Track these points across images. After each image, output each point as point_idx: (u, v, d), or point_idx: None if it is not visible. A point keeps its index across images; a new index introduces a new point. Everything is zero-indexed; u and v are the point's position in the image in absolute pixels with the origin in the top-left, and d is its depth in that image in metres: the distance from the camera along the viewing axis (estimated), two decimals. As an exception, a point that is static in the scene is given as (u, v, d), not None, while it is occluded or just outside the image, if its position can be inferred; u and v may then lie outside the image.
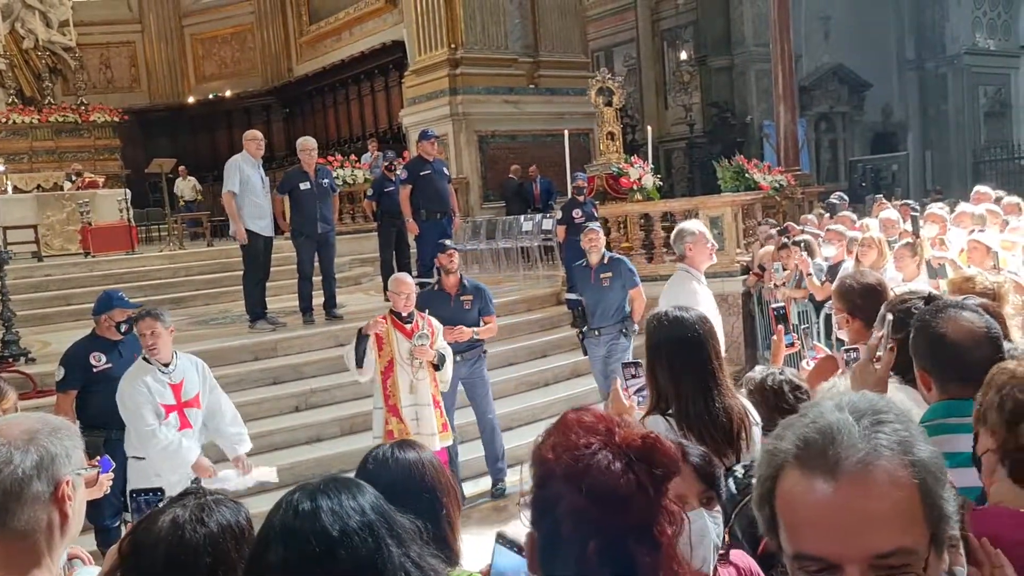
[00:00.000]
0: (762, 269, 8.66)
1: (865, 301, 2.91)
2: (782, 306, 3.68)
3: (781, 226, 8.91)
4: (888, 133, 23.57)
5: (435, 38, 14.68)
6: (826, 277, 7.04)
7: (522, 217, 12.51)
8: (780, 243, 7.85)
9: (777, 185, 11.41)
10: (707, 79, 21.06)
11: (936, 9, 23.33)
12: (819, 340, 5.66)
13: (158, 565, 1.49)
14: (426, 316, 5.66)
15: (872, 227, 6.91)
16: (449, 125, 14.53)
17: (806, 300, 7.42)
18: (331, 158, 14.00)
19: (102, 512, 4.57)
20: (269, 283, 8.62)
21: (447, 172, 9.44)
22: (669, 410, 2.45)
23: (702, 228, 4.82)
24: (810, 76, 21.18)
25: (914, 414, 2.17)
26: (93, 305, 5.11)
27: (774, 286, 7.51)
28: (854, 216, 8.08)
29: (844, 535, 0.94)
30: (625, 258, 7.29)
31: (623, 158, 10.07)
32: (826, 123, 22.33)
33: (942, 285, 5.43)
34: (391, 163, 9.74)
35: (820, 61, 21.80)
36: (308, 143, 8.37)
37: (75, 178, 14.70)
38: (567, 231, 9.20)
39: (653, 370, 2.52)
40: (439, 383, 5.53)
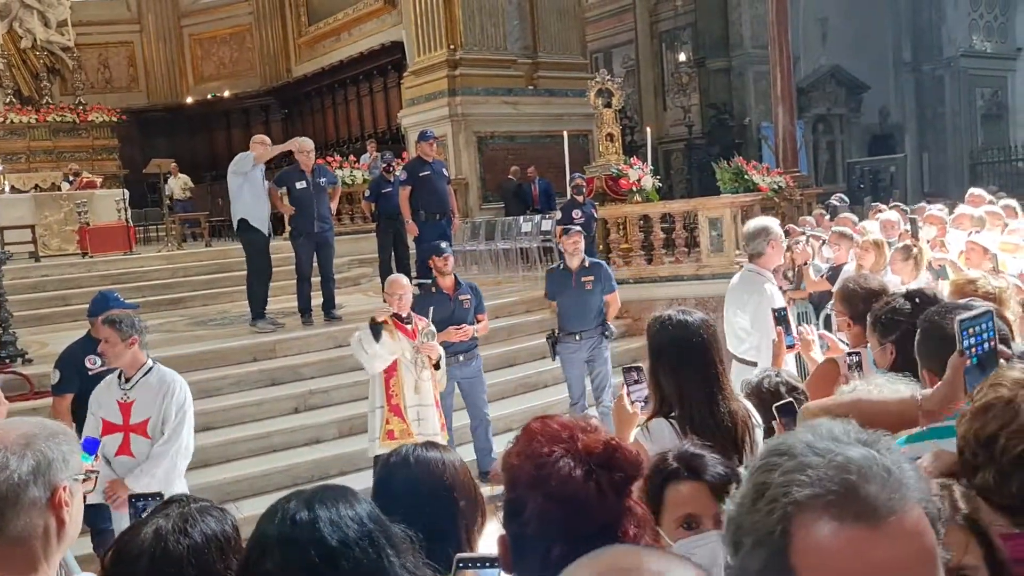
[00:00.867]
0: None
1: (867, 306, 2.90)
2: (783, 308, 3.66)
3: (783, 228, 8.88)
4: (885, 135, 23.61)
5: (434, 39, 14.67)
6: (826, 276, 7.04)
7: (521, 218, 12.50)
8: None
9: (776, 187, 11.41)
10: (705, 81, 21.08)
11: (933, 11, 23.38)
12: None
13: None
14: (424, 319, 5.66)
15: (871, 229, 6.89)
16: (448, 126, 14.53)
17: (806, 301, 7.42)
18: (330, 159, 13.97)
19: (101, 514, 4.54)
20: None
21: (446, 173, 9.43)
22: (673, 413, 2.44)
23: (779, 228, 4.60)
24: (808, 78, 21.21)
25: None
26: (88, 306, 5.05)
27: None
28: (855, 218, 8.06)
29: None
30: (603, 262, 7.24)
31: (622, 159, 10.06)
32: (824, 125, 22.36)
33: (943, 287, 5.43)
34: (390, 164, 9.72)
35: (818, 63, 21.84)
36: (305, 144, 8.37)
37: (73, 179, 14.66)
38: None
39: (656, 373, 2.51)
40: (438, 385, 5.53)
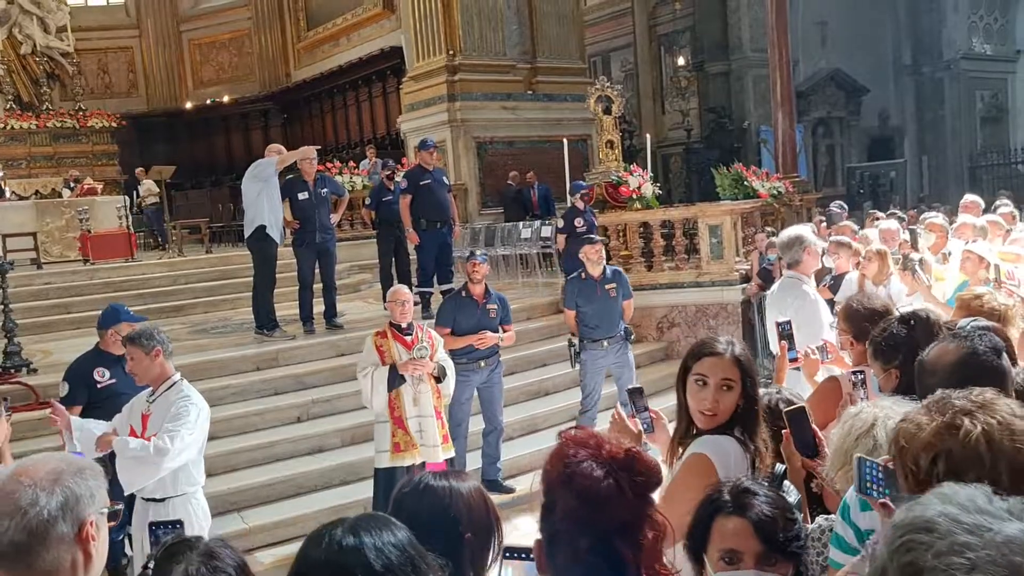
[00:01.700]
0: (762, 278, 8.69)
1: (871, 325, 2.93)
2: (787, 322, 3.67)
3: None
4: (885, 138, 23.64)
5: (433, 44, 14.70)
6: (827, 286, 7.06)
7: (521, 224, 12.53)
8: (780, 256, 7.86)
9: (775, 192, 11.46)
10: (704, 84, 21.11)
11: (933, 14, 23.42)
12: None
13: None
14: (425, 329, 5.69)
15: (872, 238, 6.91)
16: (447, 131, 14.55)
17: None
18: (329, 164, 14.00)
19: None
20: (269, 291, 8.61)
21: (446, 181, 9.45)
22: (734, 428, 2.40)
23: (812, 234, 4.90)
24: (807, 81, 21.24)
25: None
26: (98, 318, 5.06)
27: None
28: (855, 226, 8.08)
29: None
30: (620, 269, 7.37)
31: (622, 167, 10.10)
32: (823, 128, 22.39)
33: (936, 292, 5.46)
34: (392, 172, 9.74)
35: (817, 66, 21.87)
36: (308, 152, 8.40)
37: (74, 185, 14.67)
38: (568, 240, 9.22)
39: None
40: (442, 395, 5.55)
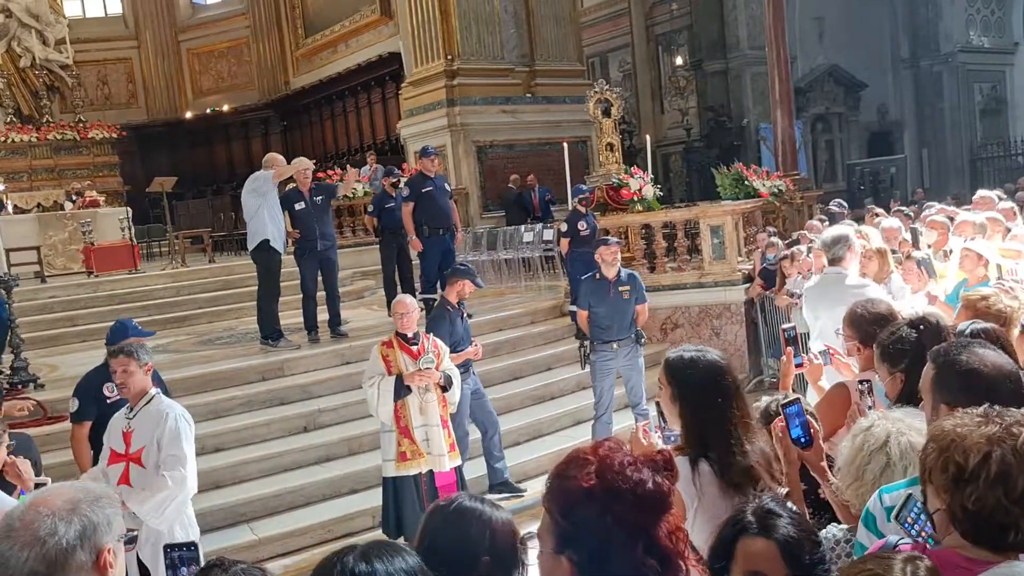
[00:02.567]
0: (764, 278, 8.70)
1: (876, 330, 2.94)
2: (793, 327, 3.68)
3: (791, 239, 8.96)
4: (884, 132, 23.63)
5: (431, 49, 14.73)
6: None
7: (522, 227, 12.55)
8: (783, 255, 7.89)
9: (776, 191, 11.48)
10: (703, 83, 21.11)
11: (930, 7, 23.40)
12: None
13: None
14: (431, 338, 5.71)
15: (873, 236, 6.92)
16: (447, 136, 14.59)
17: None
18: (331, 172, 14.04)
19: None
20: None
21: (448, 188, 9.49)
22: (708, 453, 2.45)
23: (855, 234, 5.18)
24: (805, 77, 21.23)
25: None
26: (107, 334, 5.07)
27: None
28: (856, 225, 8.08)
29: None
30: (636, 273, 7.35)
31: (623, 169, 10.11)
32: (822, 124, 22.37)
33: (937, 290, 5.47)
34: (397, 180, 9.77)
35: (815, 62, 21.85)
36: (304, 163, 8.45)
37: (76, 197, 14.71)
38: (571, 243, 9.23)
39: (683, 411, 2.51)
40: (448, 404, 5.56)
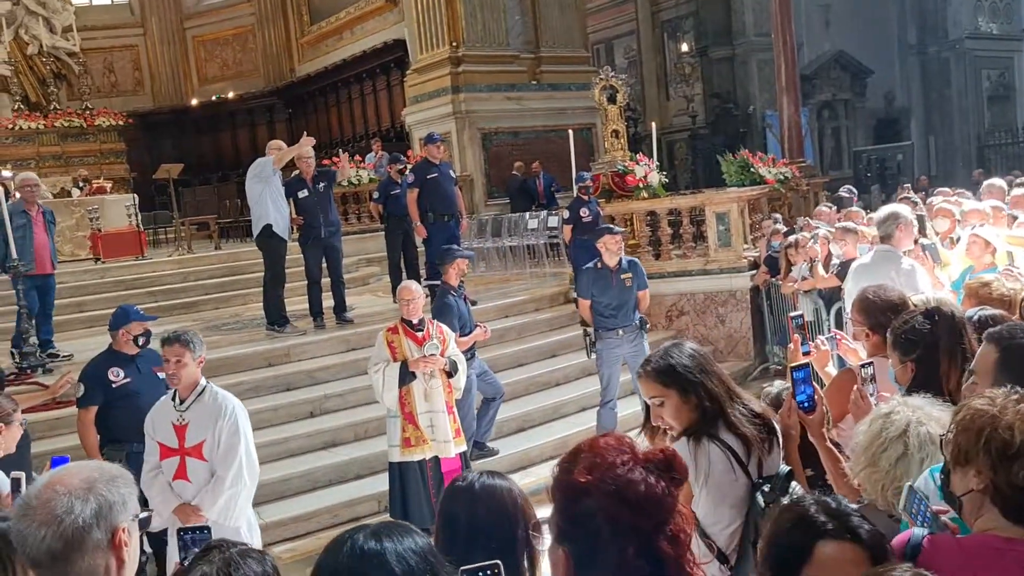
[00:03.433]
0: (770, 265, 8.70)
1: (886, 317, 2.94)
2: (800, 315, 3.69)
3: (789, 229, 8.95)
4: (891, 119, 23.53)
5: (436, 36, 14.70)
6: (835, 272, 7.08)
7: (527, 214, 12.56)
8: (787, 242, 7.88)
9: (782, 178, 11.44)
10: (708, 70, 21.04)
11: (938, -7, 23.28)
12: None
13: None
14: (436, 324, 5.73)
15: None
16: (452, 123, 14.56)
17: (816, 295, 7.45)
18: (335, 159, 14.03)
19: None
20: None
21: (453, 174, 9.49)
22: (711, 431, 2.47)
23: (907, 211, 5.21)
24: (811, 64, 21.14)
25: None
26: (110, 320, 5.14)
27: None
28: (863, 212, 8.09)
29: None
30: (637, 260, 7.36)
31: (628, 156, 10.10)
32: (829, 111, 22.29)
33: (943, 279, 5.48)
34: (404, 167, 9.78)
35: (821, 49, 21.75)
36: (307, 150, 8.45)
37: (82, 184, 14.76)
38: (574, 230, 9.24)
39: (680, 400, 2.53)
40: (454, 390, 5.59)
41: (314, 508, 6.06)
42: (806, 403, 2.48)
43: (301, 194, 8.31)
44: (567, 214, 9.46)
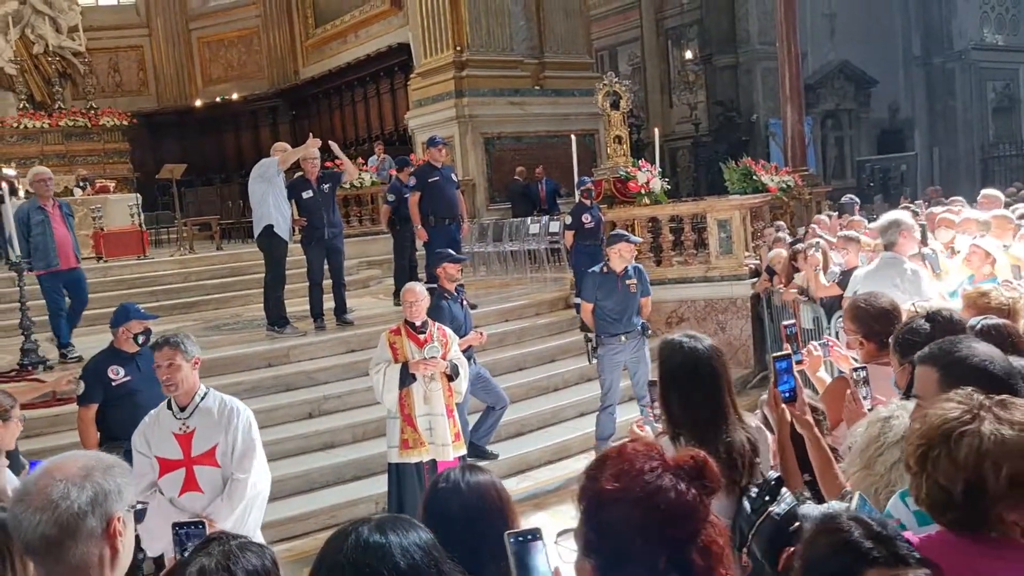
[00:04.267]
0: (771, 273, 8.69)
1: (881, 324, 2.94)
2: (793, 323, 3.69)
3: (796, 238, 8.95)
4: (895, 130, 23.54)
5: (440, 41, 14.74)
6: (836, 281, 7.07)
7: (529, 219, 12.57)
8: (792, 252, 7.87)
9: (784, 186, 11.44)
10: (712, 78, 21.06)
11: (943, 4, 23.29)
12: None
13: None
14: (439, 326, 5.72)
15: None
16: (455, 127, 14.59)
17: (818, 304, 7.43)
18: (337, 162, 14.02)
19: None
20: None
21: (455, 178, 9.50)
22: (680, 436, 2.49)
23: (909, 218, 5.21)
24: (816, 74, 21.16)
25: None
26: (111, 317, 5.15)
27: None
28: (866, 221, 8.08)
29: None
30: (641, 266, 7.36)
31: (631, 162, 10.10)
32: (832, 120, 22.30)
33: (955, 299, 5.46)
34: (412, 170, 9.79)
35: (826, 58, 21.78)
36: (311, 151, 8.47)
37: (84, 183, 14.78)
38: (576, 236, 9.24)
39: (667, 397, 2.57)
40: (455, 394, 5.58)
41: (312, 508, 6.05)
42: (787, 394, 2.50)
43: (306, 195, 8.32)
44: (569, 219, 9.46)
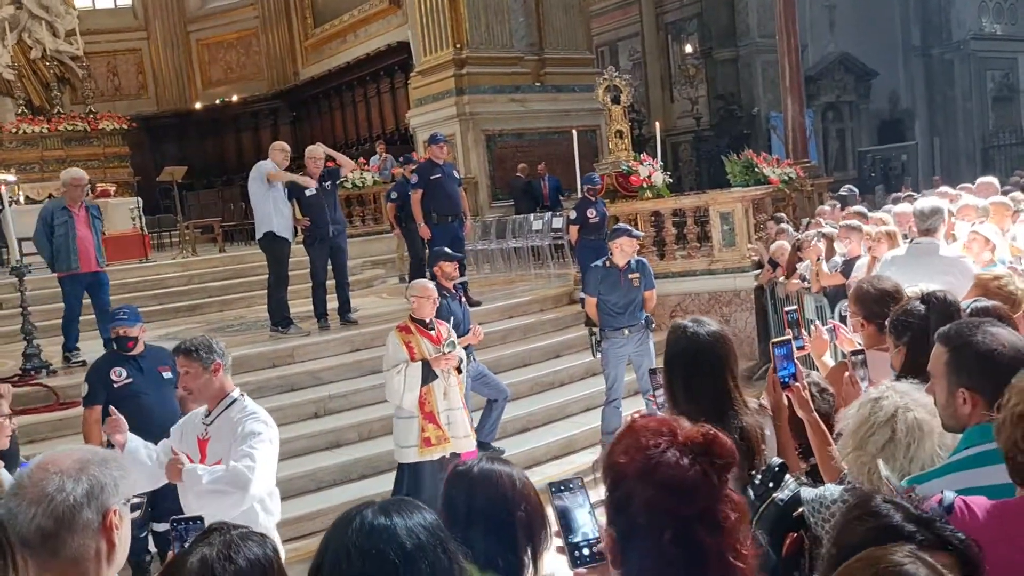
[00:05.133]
0: (774, 264, 8.67)
1: (881, 307, 2.93)
2: (794, 309, 3.67)
3: (801, 230, 8.92)
4: (895, 120, 23.51)
5: (440, 39, 14.70)
6: (839, 270, 7.04)
7: (532, 216, 12.55)
8: (796, 243, 7.85)
9: (786, 178, 11.40)
10: (713, 71, 21.03)
11: (941, -5, 23.26)
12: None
13: None
14: (439, 321, 5.72)
15: (887, 220, 6.88)
16: (456, 125, 14.56)
17: (821, 295, 7.41)
18: (334, 160, 14.01)
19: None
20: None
21: (457, 175, 9.48)
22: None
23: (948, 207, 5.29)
24: (816, 66, 21.13)
25: (934, 425, 2.18)
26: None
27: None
28: (866, 210, 8.05)
29: None
30: (645, 260, 7.35)
31: (632, 156, 10.08)
32: (833, 112, 22.28)
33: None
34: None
35: (826, 50, 21.75)
36: (315, 151, 8.46)
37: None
38: (580, 231, 9.22)
39: (671, 383, 2.54)
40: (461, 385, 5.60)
41: (318, 508, 6.02)
42: (787, 379, 2.52)
43: (308, 192, 8.30)
44: (573, 215, 9.44)
